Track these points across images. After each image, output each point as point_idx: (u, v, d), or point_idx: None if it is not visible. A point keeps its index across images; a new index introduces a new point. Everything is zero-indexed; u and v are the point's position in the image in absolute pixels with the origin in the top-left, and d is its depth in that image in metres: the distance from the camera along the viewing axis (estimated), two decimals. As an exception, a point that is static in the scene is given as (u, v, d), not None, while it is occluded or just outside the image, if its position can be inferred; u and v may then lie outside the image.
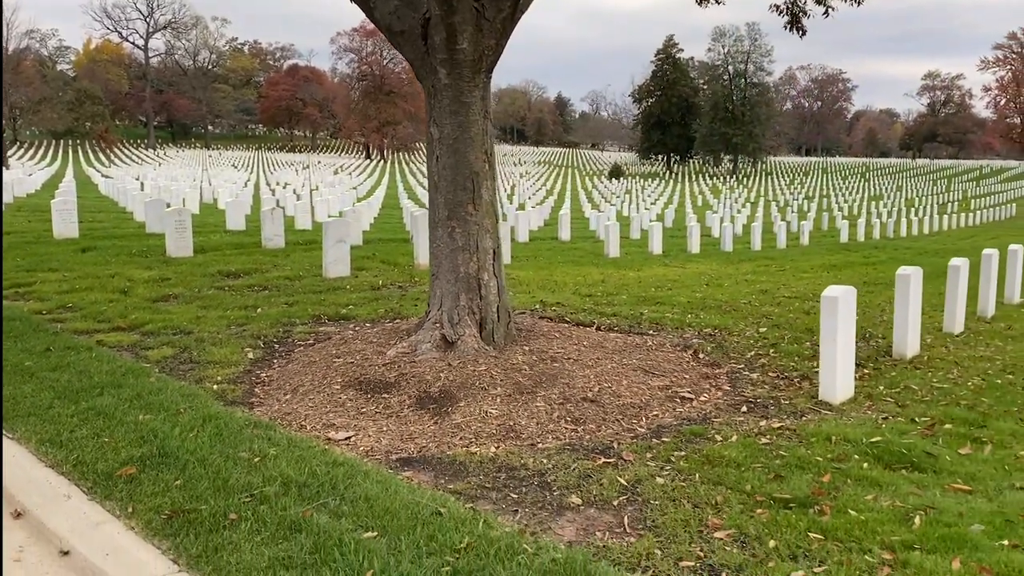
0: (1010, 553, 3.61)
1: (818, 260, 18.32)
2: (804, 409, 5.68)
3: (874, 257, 19.80)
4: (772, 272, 14.55)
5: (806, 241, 25.92)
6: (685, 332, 8.05)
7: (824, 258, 18.49)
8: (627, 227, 25.47)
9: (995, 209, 50.02)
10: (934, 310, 9.42)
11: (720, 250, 21.58)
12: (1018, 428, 5.29)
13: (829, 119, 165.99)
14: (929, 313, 9.05)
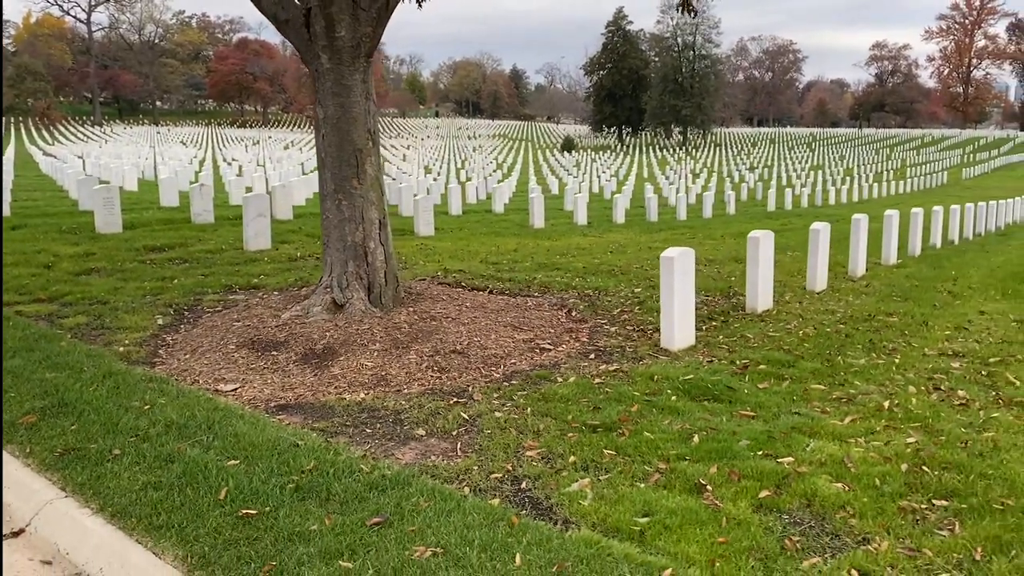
0: (761, 461, 4.41)
1: (734, 228, 19.26)
2: (644, 355, 6.46)
3: (790, 224, 20.81)
4: (682, 240, 15.39)
5: (732, 211, 26.93)
6: (567, 293, 8.81)
7: (741, 226, 19.40)
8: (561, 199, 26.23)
9: (929, 177, 51.83)
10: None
11: (646, 220, 22.44)
12: (820, 367, 6.14)
13: (780, 90, 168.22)
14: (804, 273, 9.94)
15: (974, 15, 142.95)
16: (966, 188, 44.91)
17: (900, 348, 6.80)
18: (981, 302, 8.99)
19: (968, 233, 18.69)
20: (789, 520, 3.82)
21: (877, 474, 4.22)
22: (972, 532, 3.67)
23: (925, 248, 14.90)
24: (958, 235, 17.01)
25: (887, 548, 3.54)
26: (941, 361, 6.43)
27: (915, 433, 4.83)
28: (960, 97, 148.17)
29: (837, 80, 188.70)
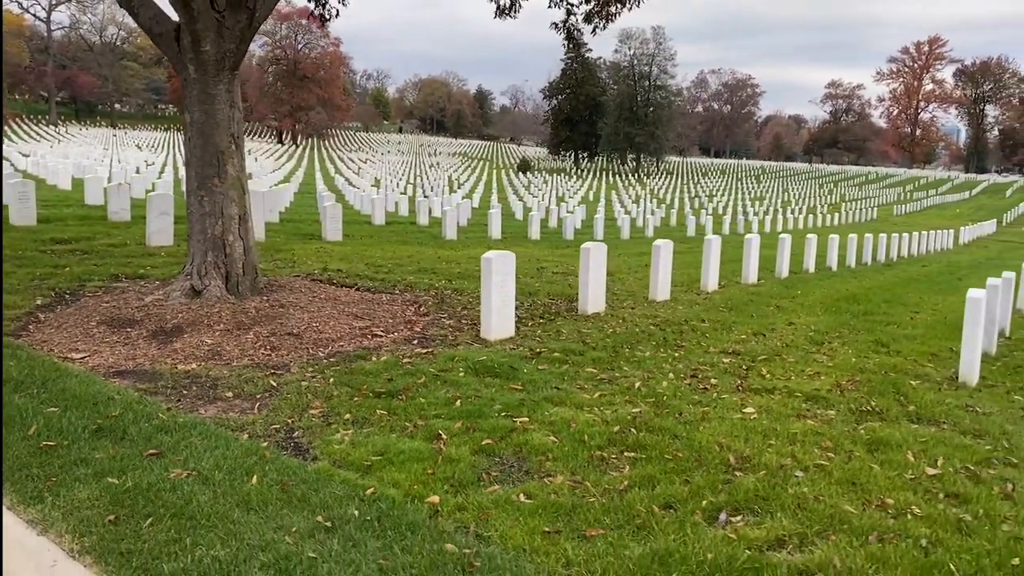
0: (501, 420, 5.29)
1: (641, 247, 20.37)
2: (462, 343, 7.33)
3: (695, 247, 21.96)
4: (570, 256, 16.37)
5: (651, 233, 28.10)
6: (427, 293, 9.68)
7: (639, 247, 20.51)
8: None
9: (860, 212, 53.95)
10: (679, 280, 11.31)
11: (563, 238, 23.48)
12: (604, 356, 7.07)
13: (738, 123, 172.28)
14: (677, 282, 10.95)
15: (923, 59, 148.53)
16: (892, 224, 46.88)
17: (689, 346, 7.77)
18: (798, 316, 10.04)
19: (851, 261, 20.03)
20: (497, 461, 4.70)
21: (589, 432, 5.13)
22: (634, 472, 4.58)
23: (798, 272, 16.11)
24: (836, 263, 18.27)
25: (561, 481, 4.43)
26: (716, 357, 7.40)
27: (645, 405, 5.75)
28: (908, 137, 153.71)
29: (795, 116, 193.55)
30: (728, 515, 4.15)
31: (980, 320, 6.89)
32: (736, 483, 4.48)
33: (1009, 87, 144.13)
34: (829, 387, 6.54)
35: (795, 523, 4.05)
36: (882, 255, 22.79)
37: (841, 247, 19.39)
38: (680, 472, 4.60)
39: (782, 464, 4.81)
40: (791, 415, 5.78)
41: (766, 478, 4.58)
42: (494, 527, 3.85)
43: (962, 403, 6.32)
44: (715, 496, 4.31)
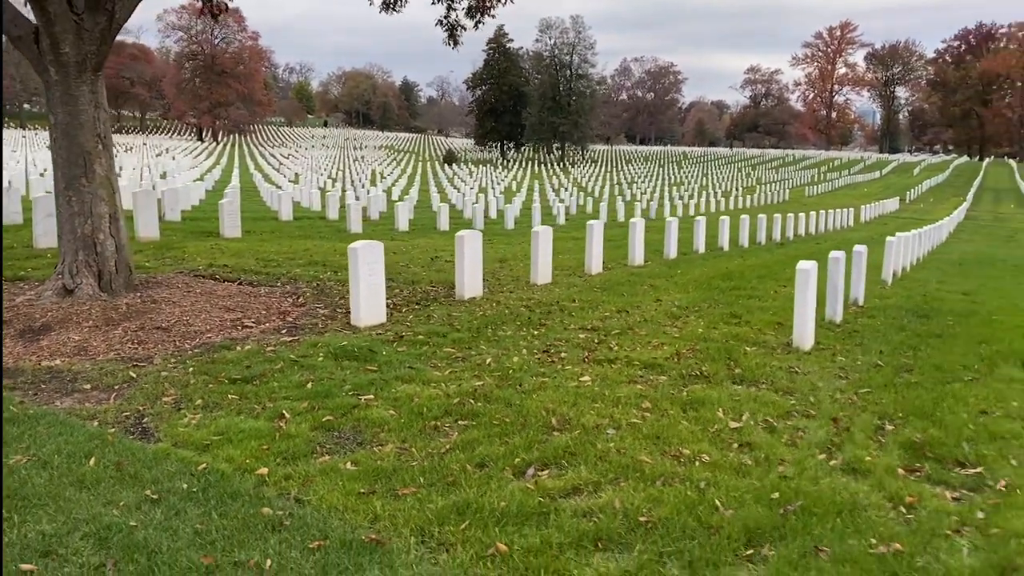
0: (348, 398, 5.62)
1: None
2: (330, 330, 7.63)
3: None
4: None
5: (563, 221, 28.67)
6: (310, 284, 9.93)
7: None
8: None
9: (773, 194, 55.82)
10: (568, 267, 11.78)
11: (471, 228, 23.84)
12: (465, 336, 7.47)
13: (662, 110, 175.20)
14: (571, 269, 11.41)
15: (835, 44, 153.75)
16: (803, 204, 48.58)
17: (551, 324, 8.23)
18: (669, 293, 10.62)
19: (744, 241, 20.94)
20: (336, 435, 5.04)
21: (429, 405, 5.51)
22: (461, 437, 4.98)
23: (688, 252, 16.85)
24: (727, 243, 19.11)
25: (389, 449, 4.80)
26: (574, 333, 7.87)
27: (490, 379, 6.17)
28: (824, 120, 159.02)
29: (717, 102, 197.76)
30: (536, 470, 4.58)
31: (809, 290, 7.50)
32: (551, 442, 4.92)
33: (916, 69, 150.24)
34: (668, 356, 7.06)
35: (594, 473, 4.51)
36: (777, 235, 23.81)
37: (733, 228, 20.26)
38: (502, 435, 5.02)
39: (598, 423, 5.28)
40: (624, 381, 6.27)
41: (580, 436, 5.04)
42: (314, 492, 4.19)
43: (786, 366, 6.92)
44: (528, 454, 4.74)
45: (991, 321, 9.61)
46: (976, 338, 8.42)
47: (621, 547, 3.74)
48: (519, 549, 3.64)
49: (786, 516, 4.04)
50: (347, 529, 3.78)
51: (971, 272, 17.44)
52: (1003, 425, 5.54)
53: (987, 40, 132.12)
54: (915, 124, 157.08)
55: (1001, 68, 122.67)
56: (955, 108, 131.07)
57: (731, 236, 19.53)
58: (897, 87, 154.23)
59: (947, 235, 31.88)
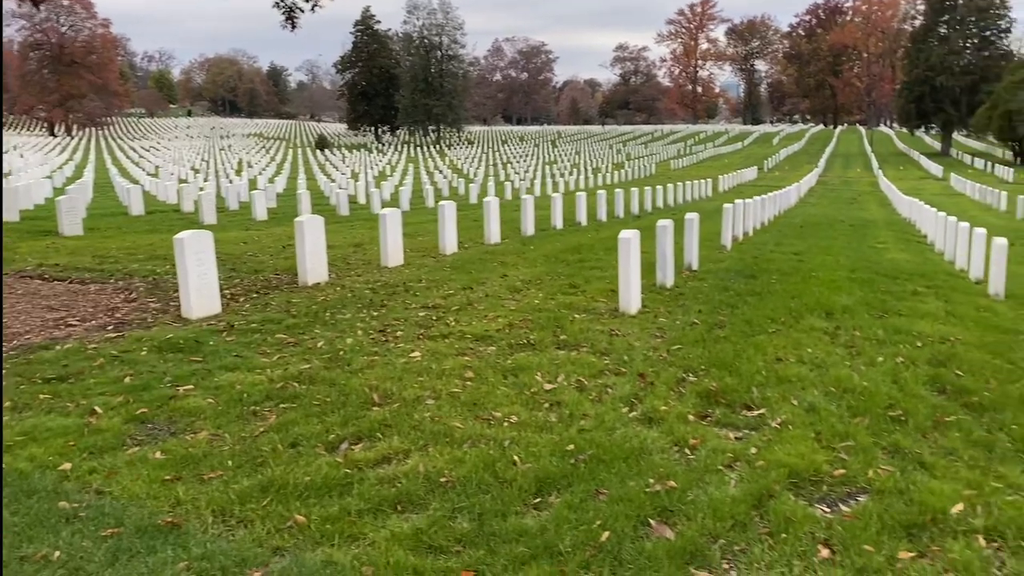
0: (166, 390, 5.57)
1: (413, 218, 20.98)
2: (159, 324, 7.50)
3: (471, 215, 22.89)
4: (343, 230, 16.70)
5: (431, 203, 28.64)
6: (145, 279, 9.68)
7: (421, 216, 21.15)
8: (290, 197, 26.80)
9: (641, 168, 57.61)
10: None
11: (337, 214, 23.65)
12: (303, 322, 7.52)
13: (536, 89, 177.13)
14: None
15: (697, 20, 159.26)
16: (668, 177, 50.32)
17: (392, 305, 8.37)
18: (517, 269, 10.94)
19: (603, 215, 21.66)
20: (149, 427, 5.01)
21: (250, 391, 5.54)
22: (278, 420, 5.04)
23: (547, 229, 17.31)
24: (585, 218, 19.73)
25: (202, 436, 4.82)
26: (414, 312, 8.04)
27: (319, 362, 6.25)
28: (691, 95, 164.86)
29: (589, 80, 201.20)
30: (350, 444, 4.72)
31: (631, 257, 7.92)
32: (369, 417, 5.07)
33: (773, 43, 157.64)
34: (500, 327, 7.33)
35: (406, 442, 4.69)
36: (636, 208, 24.69)
37: (590, 204, 20.87)
38: (320, 415, 5.12)
39: (419, 396, 5.46)
40: (453, 354, 6.48)
41: (399, 409, 5.21)
42: (118, 483, 4.18)
43: (608, 329, 7.31)
44: (343, 430, 4.87)
45: (809, 277, 10.38)
46: (791, 294, 9.10)
47: (418, 507, 3.93)
48: (317, 519, 3.77)
49: (577, 465, 4.34)
50: (145, 516, 3.81)
51: (809, 233, 18.65)
52: (793, 370, 6.07)
53: (835, 14, 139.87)
54: (774, 96, 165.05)
55: (848, 40, 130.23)
56: (810, 79, 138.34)
57: (589, 211, 20.12)
58: (756, 60, 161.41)
59: (796, 200, 33.85)
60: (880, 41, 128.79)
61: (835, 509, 3.95)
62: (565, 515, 3.79)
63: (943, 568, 3.38)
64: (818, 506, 3.99)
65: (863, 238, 17.80)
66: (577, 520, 3.74)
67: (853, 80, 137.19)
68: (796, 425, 4.93)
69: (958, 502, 3.91)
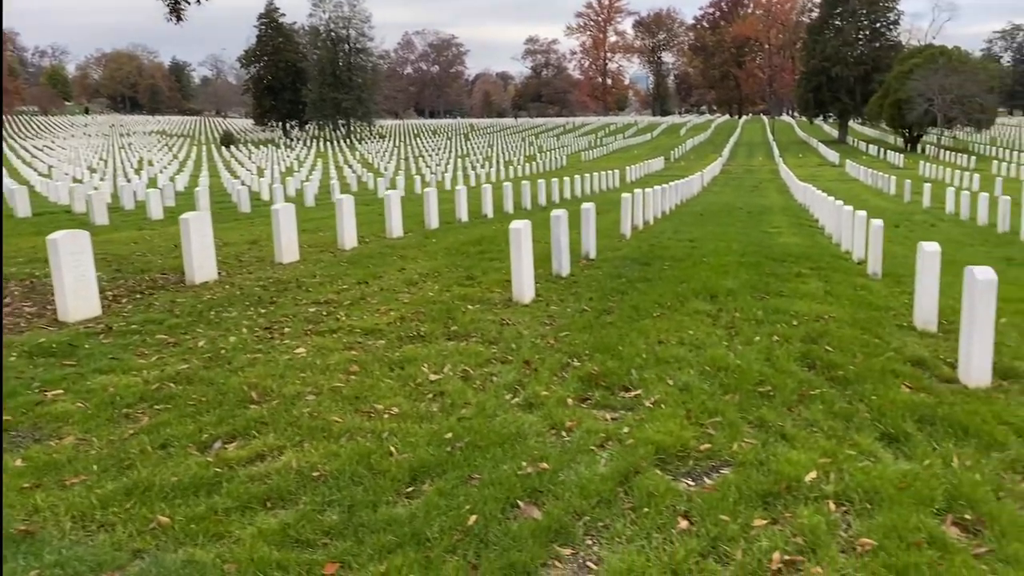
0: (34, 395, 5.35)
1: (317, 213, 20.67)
2: (33, 328, 7.18)
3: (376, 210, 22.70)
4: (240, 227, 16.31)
5: (311, 202, 27.92)
6: (22, 282, 9.27)
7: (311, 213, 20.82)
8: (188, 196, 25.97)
9: (552, 160, 58.13)
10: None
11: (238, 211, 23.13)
12: (183, 322, 7.32)
13: (447, 82, 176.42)
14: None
15: (605, 13, 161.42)
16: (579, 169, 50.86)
17: (283, 301, 8.24)
18: (416, 262, 10.90)
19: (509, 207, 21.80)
20: (13, 435, 4.78)
21: (123, 394, 5.36)
22: (150, 422, 4.90)
23: (451, 222, 17.31)
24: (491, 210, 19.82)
25: (68, 441, 4.64)
26: (304, 308, 7.93)
27: (199, 361, 6.10)
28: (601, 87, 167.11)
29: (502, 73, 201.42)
30: (223, 443, 4.63)
31: (523, 247, 8.00)
32: (245, 415, 4.98)
33: (679, 35, 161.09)
34: (392, 320, 7.30)
35: (281, 439, 4.63)
36: (543, 199, 24.92)
37: (496, 196, 20.95)
38: (195, 415, 5.00)
39: (300, 392, 5.40)
40: (340, 349, 6.42)
41: (278, 406, 5.14)
42: (-29, 495, 3.99)
43: (499, 319, 7.37)
44: (217, 429, 4.77)
45: (700, 263, 10.70)
46: (680, 279, 9.36)
47: (288, 503, 3.90)
48: (182, 519, 3.69)
49: (453, 453, 4.38)
50: (-3, 526, 3.66)
51: (708, 221, 19.20)
52: (673, 351, 6.25)
53: (737, 7, 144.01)
54: (682, 87, 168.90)
55: (750, 32, 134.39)
56: (715, 71, 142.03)
57: (496, 203, 20.20)
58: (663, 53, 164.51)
59: (700, 188, 34.78)
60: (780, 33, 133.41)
61: (699, 482, 4.10)
62: (436, 502, 3.82)
63: (792, 533, 3.55)
64: (683, 480, 4.13)
65: (758, 224, 18.43)
66: (447, 506, 3.77)
67: (756, 71, 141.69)
68: (668, 404, 5.08)
69: (812, 470, 4.11)
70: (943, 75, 57.98)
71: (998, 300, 8.32)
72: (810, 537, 3.50)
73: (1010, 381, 5.67)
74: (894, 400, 5.08)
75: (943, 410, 4.94)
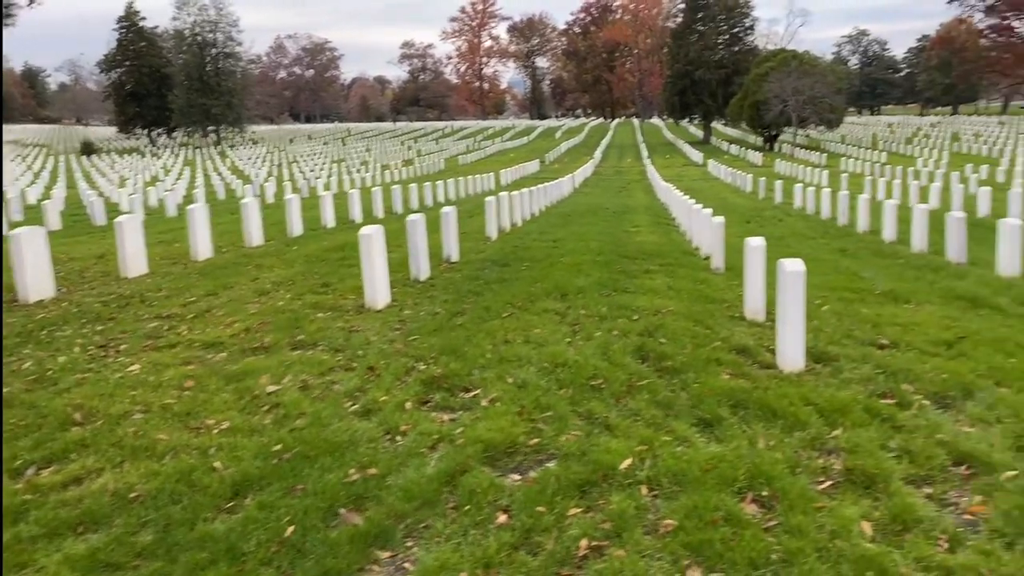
0: None
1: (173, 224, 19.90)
2: None
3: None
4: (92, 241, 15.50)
5: (173, 212, 26.87)
6: None
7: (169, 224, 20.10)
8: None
9: (430, 165, 58.05)
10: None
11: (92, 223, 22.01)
12: (10, 343, 6.91)
13: (323, 87, 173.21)
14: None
15: (479, 18, 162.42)
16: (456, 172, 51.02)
17: (124, 317, 7.93)
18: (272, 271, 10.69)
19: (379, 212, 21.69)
20: None
21: (-70, 423, 5.02)
22: None
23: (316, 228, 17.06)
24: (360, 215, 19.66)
25: None
26: (145, 323, 7.66)
27: (20, 384, 5.79)
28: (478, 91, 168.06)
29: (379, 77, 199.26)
30: (38, 468, 4.42)
31: (374, 252, 7.99)
32: (65, 437, 4.77)
33: (552, 40, 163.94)
34: (236, 332, 7.14)
35: (101, 461, 4.46)
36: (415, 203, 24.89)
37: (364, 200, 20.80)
38: (11, 440, 4.76)
39: (128, 411, 5.22)
40: (176, 364, 6.24)
41: (102, 426, 4.95)
42: None
43: (349, 326, 7.34)
44: (32, 454, 4.56)
45: (557, 263, 10.96)
46: (535, 279, 9.57)
47: (101, 526, 3.78)
48: (-19, 551, 3.51)
49: (280, 464, 4.34)
50: None
51: (574, 221, 19.66)
52: (516, 350, 6.38)
53: (606, 12, 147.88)
54: (557, 91, 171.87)
55: (620, 37, 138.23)
56: (587, 75, 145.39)
57: (364, 208, 20.01)
58: (538, 58, 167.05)
59: (571, 190, 35.55)
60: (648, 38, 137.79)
61: (525, 477, 4.23)
62: (255, 516, 3.78)
63: (602, 519, 3.72)
64: (510, 476, 4.25)
65: (620, 223, 19.02)
66: (266, 519, 3.75)
67: (626, 75, 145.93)
68: (504, 401, 5.20)
69: (629, 457, 4.31)
70: (796, 78, 61.43)
71: (825, 289, 8.97)
72: (618, 522, 3.67)
73: (823, 364, 6.09)
74: (712, 387, 5.38)
75: (757, 394, 5.27)
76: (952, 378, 5.59)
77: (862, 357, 6.17)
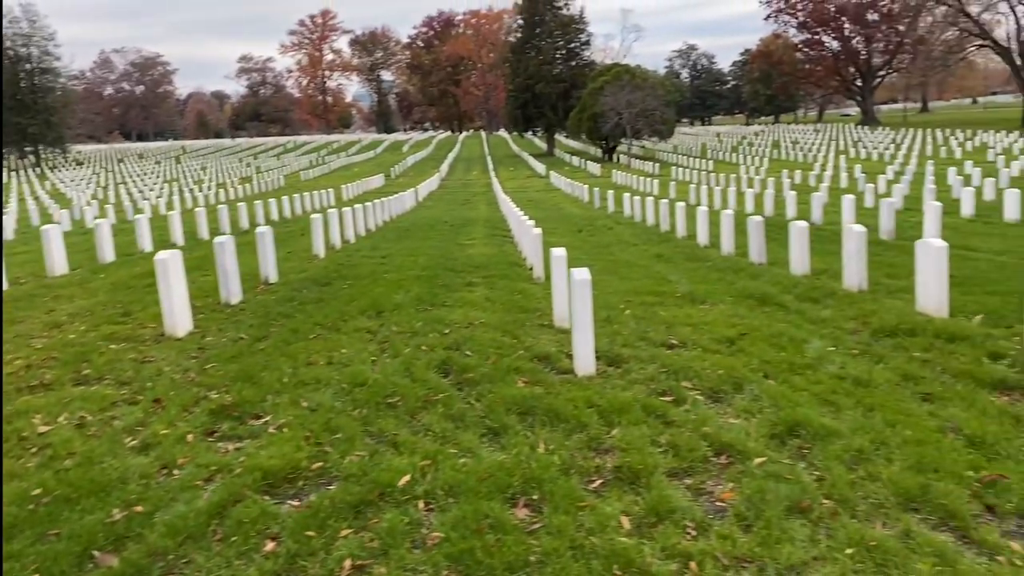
0: None
1: None
2: None
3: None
4: None
5: (10, 236, 25.37)
6: None
7: None
8: None
9: (271, 181, 56.37)
10: None
11: None
12: None
13: (155, 103, 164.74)
14: None
15: (319, 31, 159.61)
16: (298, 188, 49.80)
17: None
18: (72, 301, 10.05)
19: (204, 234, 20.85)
20: None
21: None
22: None
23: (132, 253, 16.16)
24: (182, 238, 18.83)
25: None
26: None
27: None
28: (321, 105, 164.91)
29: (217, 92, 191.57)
30: None
31: (170, 277, 7.66)
32: None
33: (396, 54, 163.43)
34: (15, 370, 6.64)
35: None
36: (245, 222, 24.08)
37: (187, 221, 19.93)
38: None
39: None
40: (-64, 410, 5.71)
41: None
42: None
43: (141, 357, 6.99)
44: None
45: (380, 279, 10.92)
46: (352, 297, 9.48)
47: None
48: None
49: (36, 510, 4.07)
50: None
51: (411, 235, 19.65)
52: (317, 372, 6.29)
53: (448, 27, 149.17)
54: (403, 105, 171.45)
55: (463, 51, 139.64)
56: (433, 88, 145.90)
57: (187, 230, 19.16)
58: (382, 71, 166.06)
59: (414, 203, 35.52)
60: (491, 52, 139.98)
61: (303, 502, 4.17)
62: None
63: (370, 538, 3.72)
64: (289, 503, 4.17)
65: (457, 237, 19.18)
66: (10, 571, 3.50)
67: (472, 89, 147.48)
68: (292, 427, 5.11)
69: (409, 473, 4.34)
70: (628, 91, 64.28)
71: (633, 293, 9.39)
72: (387, 539, 3.68)
73: (614, 367, 6.37)
74: (505, 396, 5.51)
75: (548, 400, 5.44)
76: (727, 373, 5.99)
77: (651, 358, 6.50)
